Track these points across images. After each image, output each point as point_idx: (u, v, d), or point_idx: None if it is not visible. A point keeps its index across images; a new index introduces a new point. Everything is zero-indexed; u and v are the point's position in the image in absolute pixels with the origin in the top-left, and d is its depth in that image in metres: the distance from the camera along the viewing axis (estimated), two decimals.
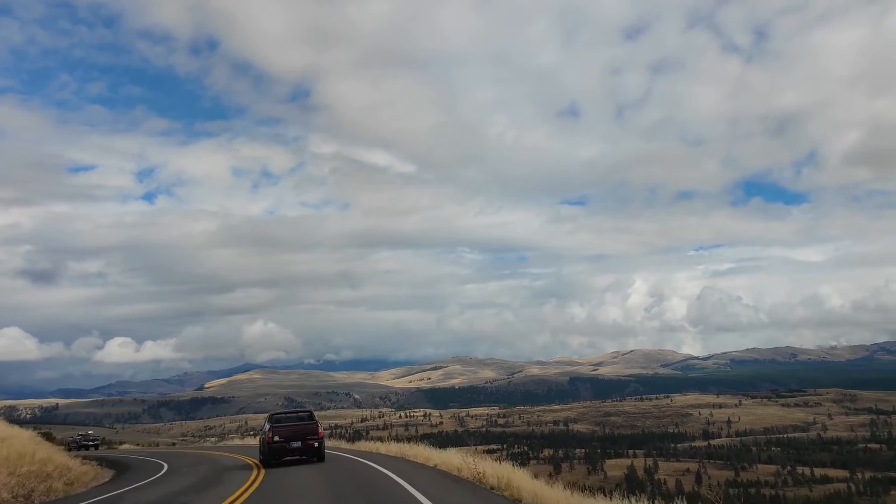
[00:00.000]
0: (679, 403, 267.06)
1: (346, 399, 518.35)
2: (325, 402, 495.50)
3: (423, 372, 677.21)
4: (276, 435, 22.92)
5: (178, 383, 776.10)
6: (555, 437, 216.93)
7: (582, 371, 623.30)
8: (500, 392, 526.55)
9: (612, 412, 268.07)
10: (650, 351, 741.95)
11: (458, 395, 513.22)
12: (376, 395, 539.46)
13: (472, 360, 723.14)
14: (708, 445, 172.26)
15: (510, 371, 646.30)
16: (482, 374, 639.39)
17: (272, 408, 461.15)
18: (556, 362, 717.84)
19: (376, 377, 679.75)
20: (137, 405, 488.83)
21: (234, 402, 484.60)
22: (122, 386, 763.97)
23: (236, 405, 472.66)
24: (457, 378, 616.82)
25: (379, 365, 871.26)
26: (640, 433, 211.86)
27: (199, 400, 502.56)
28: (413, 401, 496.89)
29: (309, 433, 23.20)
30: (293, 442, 22.88)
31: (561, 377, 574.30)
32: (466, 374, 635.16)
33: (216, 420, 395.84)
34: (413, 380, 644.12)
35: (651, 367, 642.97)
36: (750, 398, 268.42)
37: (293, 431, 23.23)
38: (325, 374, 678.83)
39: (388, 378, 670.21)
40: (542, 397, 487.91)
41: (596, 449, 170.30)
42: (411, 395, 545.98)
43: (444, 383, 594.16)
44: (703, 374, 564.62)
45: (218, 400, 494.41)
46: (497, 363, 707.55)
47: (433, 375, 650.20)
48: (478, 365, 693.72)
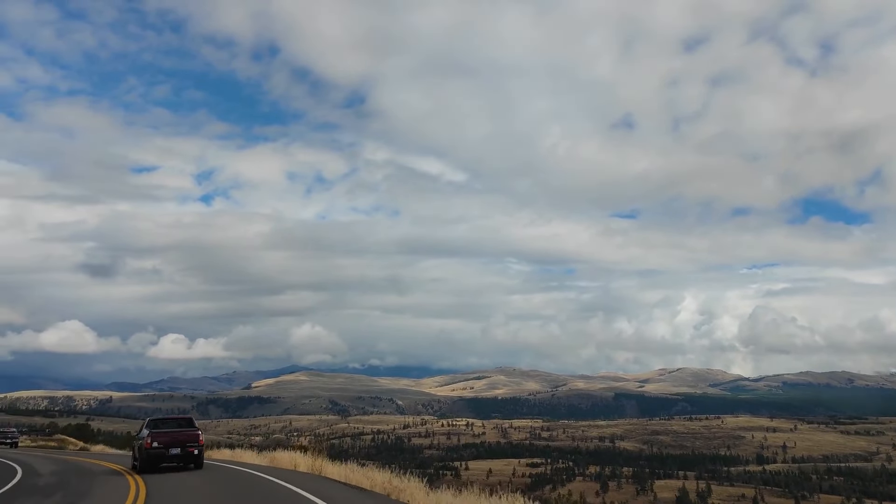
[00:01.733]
0: (730, 425, 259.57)
1: (390, 405, 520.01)
2: (368, 407, 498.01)
3: (466, 381, 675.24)
4: (154, 441, 22.20)
5: (227, 381, 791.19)
6: (600, 453, 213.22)
7: (628, 387, 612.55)
8: (543, 405, 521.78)
9: (660, 431, 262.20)
10: (699, 370, 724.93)
11: (501, 406, 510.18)
12: (419, 403, 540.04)
13: (515, 371, 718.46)
14: (763, 471, 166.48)
15: (554, 384, 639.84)
16: (526, 385, 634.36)
17: (315, 410, 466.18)
18: (601, 377, 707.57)
19: (420, 384, 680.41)
20: (187, 401, 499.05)
21: (280, 402, 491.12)
22: (173, 382, 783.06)
23: (282, 405, 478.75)
24: (500, 389, 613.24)
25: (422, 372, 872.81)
26: (690, 454, 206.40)
27: (246, 399, 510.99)
28: (455, 409, 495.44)
29: (189, 440, 22.58)
30: (172, 448, 22.20)
31: (606, 392, 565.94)
32: (510, 386, 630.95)
33: (262, 420, 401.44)
34: (456, 388, 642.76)
35: (699, 386, 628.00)
36: (806, 423, 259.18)
37: (173, 438, 22.54)
38: (370, 379, 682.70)
39: (431, 386, 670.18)
40: (586, 412, 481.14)
41: (644, 468, 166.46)
42: (454, 403, 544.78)
43: (487, 393, 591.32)
44: (753, 396, 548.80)
45: (264, 400, 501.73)
46: (541, 375, 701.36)
47: (476, 385, 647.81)
48: (521, 376, 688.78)
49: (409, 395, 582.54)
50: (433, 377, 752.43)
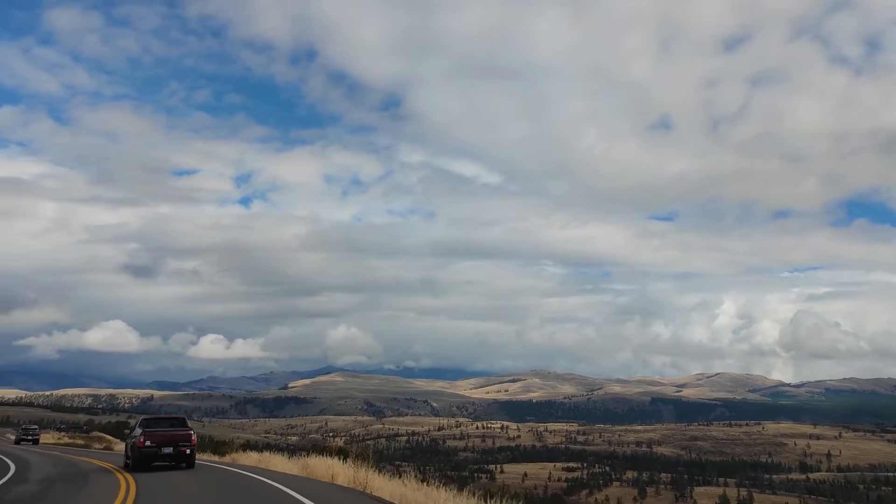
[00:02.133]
0: (771, 431, 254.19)
1: (424, 406, 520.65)
2: (403, 409, 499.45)
3: (500, 384, 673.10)
4: (147, 440, 22.32)
5: (265, 381, 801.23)
6: (637, 458, 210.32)
7: (664, 392, 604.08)
8: (578, 408, 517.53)
9: (699, 436, 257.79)
10: (738, 375, 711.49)
11: (536, 409, 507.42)
12: (454, 405, 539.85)
13: (550, 374, 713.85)
14: (807, 479, 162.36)
15: (589, 388, 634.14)
16: (561, 389, 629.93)
17: (350, 411, 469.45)
18: (638, 381, 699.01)
19: (454, 386, 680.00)
20: (225, 401, 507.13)
21: (316, 402, 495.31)
22: (212, 381, 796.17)
23: (318, 406, 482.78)
24: (535, 392, 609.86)
25: (457, 374, 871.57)
26: (730, 461, 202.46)
27: (283, 399, 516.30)
28: (490, 412, 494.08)
29: (181, 440, 22.70)
30: (165, 448, 22.33)
31: (642, 397, 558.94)
32: (545, 389, 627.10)
33: (298, 420, 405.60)
34: (490, 391, 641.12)
35: (738, 391, 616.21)
36: (851, 431, 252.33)
37: (166, 437, 22.70)
38: (405, 381, 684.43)
39: (465, 388, 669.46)
40: (623, 416, 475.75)
41: (682, 474, 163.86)
42: (488, 406, 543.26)
43: (521, 396, 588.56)
44: (795, 403, 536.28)
45: (301, 400, 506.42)
46: (576, 379, 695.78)
47: (511, 388, 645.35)
48: (556, 380, 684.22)
49: (444, 397, 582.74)
50: (468, 379, 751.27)
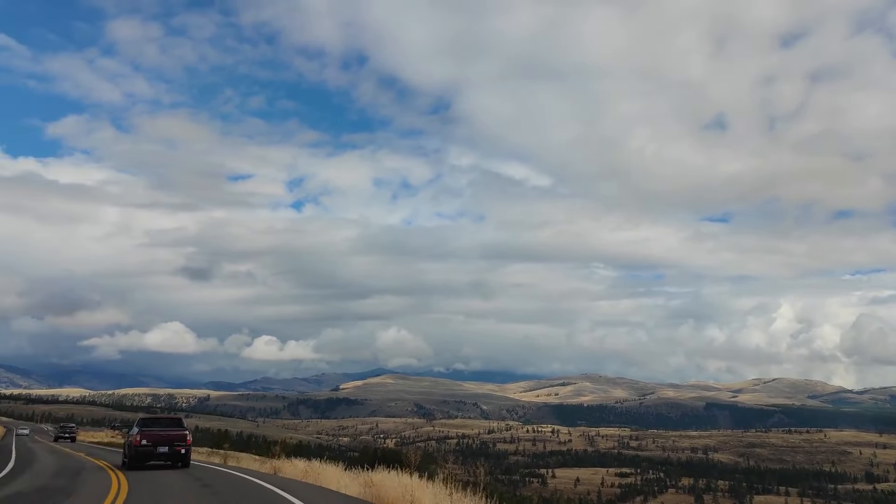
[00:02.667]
0: (834, 440, 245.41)
1: (474, 409, 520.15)
2: (452, 411, 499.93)
3: (551, 387, 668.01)
4: (144, 439, 22.43)
5: (316, 383, 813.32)
6: (693, 465, 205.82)
7: (720, 397, 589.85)
8: (630, 413, 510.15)
9: (757, 443, 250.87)
10: (797, 381, 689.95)
11: (587, 414, 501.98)
12: (503, 408, 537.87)
13: (601, 378, 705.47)
14: (874, 490, 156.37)
15: (642, 392, 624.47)
16: (612, 393, 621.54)
17: (400, 413, 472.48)
18: (691, 386, 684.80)
19: (504, 389, 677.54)
20: (279, 401, 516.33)
21: (367, 404, 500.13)
22: (266, 382, 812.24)
23: (369, 407, 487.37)
24: (586, 396, 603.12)
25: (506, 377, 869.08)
26: (790, 469, 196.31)
27: (334, 400, 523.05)
28: (540, 416, 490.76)
29: (177, 439, 22.74)
30: (161, 447, 22.40)
31: (696, 402, 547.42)
32: (596, 393, 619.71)
33: (349, 421, 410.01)
34: (540, 394, 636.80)
35: (797, 397, 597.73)
36: None
37: (161, 437, 22.77)
38: (454, 384, 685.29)
39: (515, 391, 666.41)
40: (676, 422, 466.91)
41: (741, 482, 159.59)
42: (538, 409, 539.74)
43: (572, 400, 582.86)
44: (858, 410, 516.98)
45: (352, 401, 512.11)
46: (628, 383, 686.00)
47: (561, 391, 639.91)
48: (608, 384, 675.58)
49: (494, 400, 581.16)
50: (517, 382, 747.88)
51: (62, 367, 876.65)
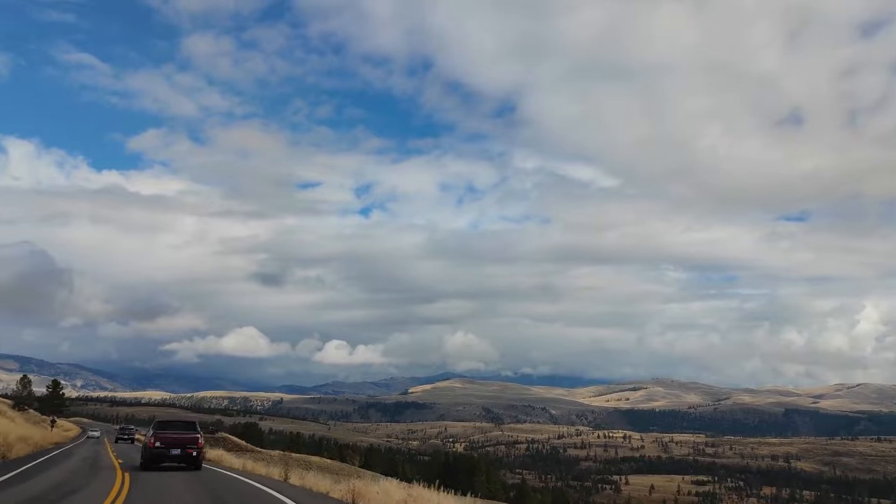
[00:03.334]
0: None
1: (543, 414, 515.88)
2: (521, 416, 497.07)
3: (621, 392, 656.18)
4: (157, 441, 22.88)
5: (385, 386, 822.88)
6: (774, 473, 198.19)
7: (800, 403, 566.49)
8: (704, 419, 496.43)
9: (843, 452, 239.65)
10: (884, 386, 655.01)
11: (659, 419, 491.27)
12: (573, 413, 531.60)
13: (673, 382, 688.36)
14: None
15: (716, 397, 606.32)
16: (685, 398, 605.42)
17: (469, 417, 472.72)
18: (769, 391, 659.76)
19: (573, 394, 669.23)
20: (349, 405, 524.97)
21: (436, 408, 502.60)
22: (336, 386, 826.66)
23: (437, 411, 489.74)
24: (658, 401, 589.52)
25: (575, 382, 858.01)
26: (882, 479, 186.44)
27: (403, 404, 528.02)
28: (610, 421, 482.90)
29: (189, 442, 23.13)
30: (173, 449, 22.84)
31: (774, 408, 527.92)
32: (668, 398, 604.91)
33: (418, 424, 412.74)
34: (611, 399, 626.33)
35: (885, 403, 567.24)
36: None
37: (175, 439, 23.15)
38: (523, 388, 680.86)
39: (585, 395, 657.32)
40: (753, 428, 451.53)
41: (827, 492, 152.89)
42: (608, 414, 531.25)
43: (643, 405, 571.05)
44: None
45: (420, 405, 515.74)
46: (701, 388, 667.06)
47: (632, 396, 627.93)
48: (680, 388, 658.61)
49: (563, 404, 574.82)
50: (586, 387, 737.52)
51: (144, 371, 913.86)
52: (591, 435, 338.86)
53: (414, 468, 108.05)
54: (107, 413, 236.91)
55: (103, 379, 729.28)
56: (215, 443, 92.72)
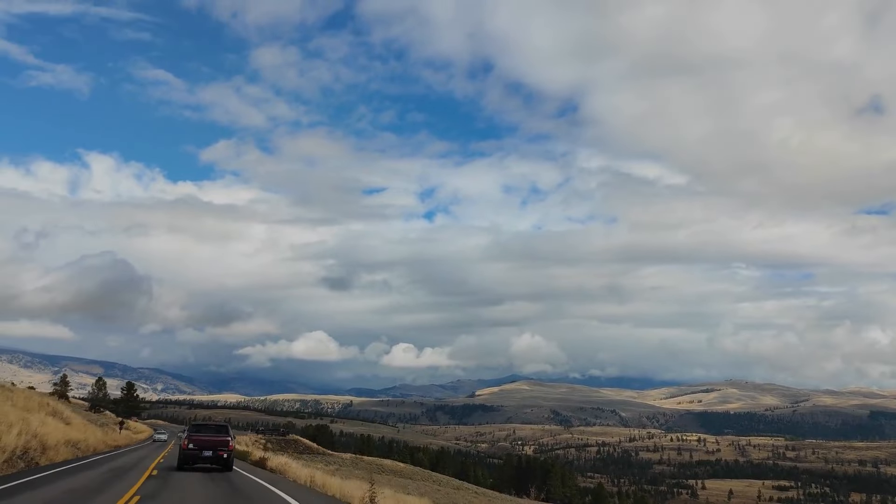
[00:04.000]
0: None
1: (612, 416, 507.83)
2: (590, 418, 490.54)
3: (693, 394, 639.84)
4: (191, 443, 24.04)
5: (452, 389, 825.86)
6: (862, 479, 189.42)
7: (887, 405, 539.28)
8: (782, 421, 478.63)
9: None
10: None
11: (734, 422, 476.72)
12: (643, 415, 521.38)
13: (748, 384, 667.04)
14: None
15: (794, 399, 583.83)
16: (761, 400, 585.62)
17: (537, 419, 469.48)
18: (852, 392, 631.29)
19: (643, 396, 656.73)
20: (417, 407, 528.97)
21: (503, 410, 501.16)
22: (404, 388, 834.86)
23: (504, 414, 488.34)
24: (733, 403, 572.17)
25: (644, 383, 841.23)
26: None
27: (470, 406, 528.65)
28: (683, 423, 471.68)
29: (220, 445, 24.18)
30: (206, 451, 23.95)
31: (859, 410, 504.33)
32: (743, 400, 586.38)
33: (486, 427, 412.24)
34: (682, 401, 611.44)
35: None
36: None
37: (207, 441, 24.24)
38: (591, 390, 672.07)
39: (656, 398, 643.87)
40: (836, 431, 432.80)
41: None
42: (680, 417, 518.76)
43: (717, 407, 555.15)
44: None
45: (488, 408, 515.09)
46: (778, 389, 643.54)
47: (705, 398, 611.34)
48: (756, 390, 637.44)
49: (633, 406, 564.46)
50: (657, 389, 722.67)
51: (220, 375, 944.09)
52: (664, 438, 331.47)
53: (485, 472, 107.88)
54: (185, 415, 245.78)
55: (182, 383, 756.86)
56: (285, 445, 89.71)
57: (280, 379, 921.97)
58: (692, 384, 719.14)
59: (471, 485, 78.09)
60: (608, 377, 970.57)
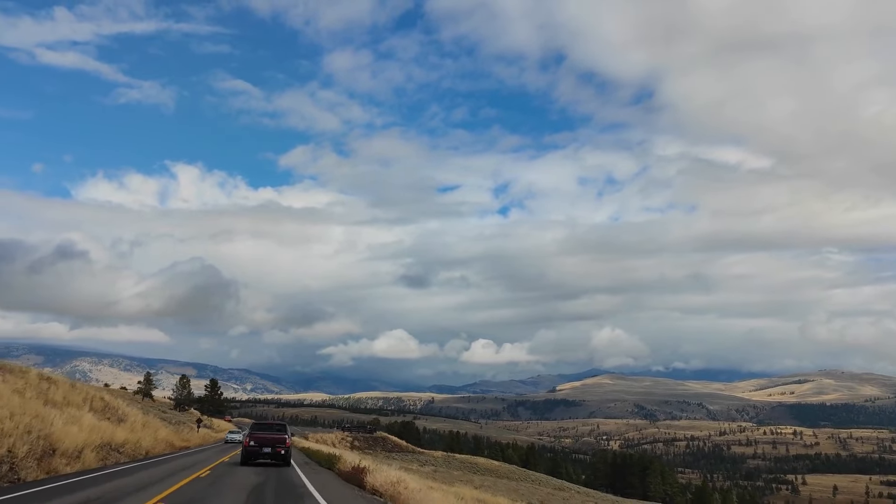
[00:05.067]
0: None
1: (699, 410, 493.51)
2: (675, 412, 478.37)
3: (785, 385, 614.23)
4: (252, 440, 25.78)
5: (533, 384, 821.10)
6: None
7: None
8: (885, 412, 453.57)
9: None
10: None
11: (831, 414, 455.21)
12: (732, 408, 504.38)
13: (845, 374, 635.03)
14: None
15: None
16: (861, 391, 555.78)
17: (620, 414, 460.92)
18: None
19: (731, 388, 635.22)
20: (498, 403, 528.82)
21: (585, 405, 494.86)
22: (484, 385, 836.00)
23: (587, 408, 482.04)
24: (829, 394, 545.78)
25: (731, 375, 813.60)
26: None
27: (552, 401, 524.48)
28: (775, 416, 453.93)
29: (278, 442, 25.78)
30: (265, 447, 25.51)
31: None
32: (840, 391, 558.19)
33: (569, 422, 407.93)
34: (773, 393, 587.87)
35: None
36: None
37: (266, 439, 25.84)
38: (676, 383, 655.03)
39: (745, 390, 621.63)
40: None
41: None
42: (772, 409, 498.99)
43: (811, 399, 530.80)
44: None
45: (569, 402, 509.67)
46: (878, 379, 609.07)
47: (797, 389, 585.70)
48: (854, 380, 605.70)
49: (720, 399, 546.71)
50: (745, 381, 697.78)
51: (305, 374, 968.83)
52: (756, 431, 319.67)
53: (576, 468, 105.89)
54: (273, 414, 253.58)
55: (269, 382, 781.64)
56: (374, 443, 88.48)
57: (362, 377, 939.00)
58: (783, 375, 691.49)
59: (571, 484, 76.45)
60: (693, 370, 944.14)
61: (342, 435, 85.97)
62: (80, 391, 31.30)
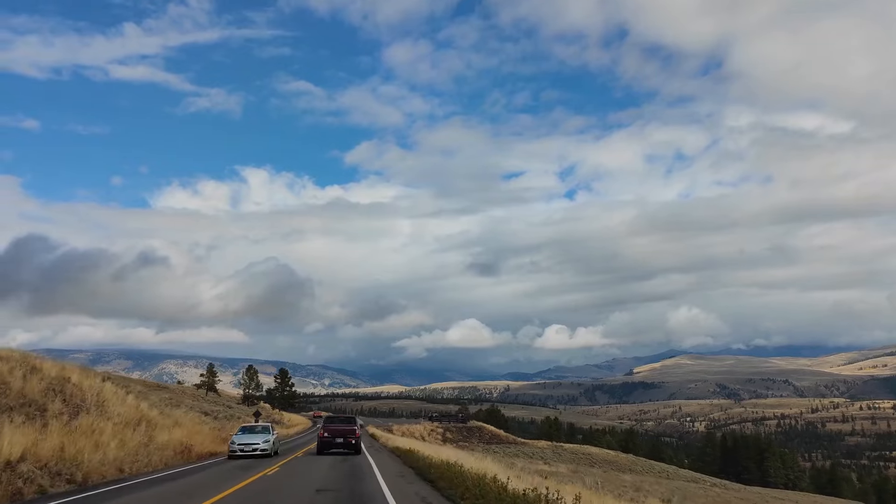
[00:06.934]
0: None
1: (786, 387, 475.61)
2: (760, 390, 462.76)
3: (876, 357, 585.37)
4: (326, 432, 28.75)
5: (608, 368, 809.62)
6: None
7: None
8: None
9: None
10: None
11: None
12: (821, 384, 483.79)
13: None
14: None
15: None
16: None
17: (702, 394, 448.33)
18: None
19: (819, 363, 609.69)
20: (574, 388, 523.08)
21: (664, 387, 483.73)
22: (559, 371, 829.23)
23: (667, 390, 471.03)
24: None
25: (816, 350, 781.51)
26: None
27: (629, 385, 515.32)
28: (867, 390, 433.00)
29: (349, 433, 28.63)
30: (338, 438, 28.39)
31: None
32: None
33: (649, 405, 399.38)
34: (864, 366, 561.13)
35: None
36: None
37: (338, 430, 28.77)
38: (759, 360, 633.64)
39: (834, 364, 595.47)
40: None
41: None
42: (864, 383, 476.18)
43: None
44: None
45: (648, 385, 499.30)
46: None
47: (891, 361, 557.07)
48: None
49: (807, 375, 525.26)
50: (833, 355, 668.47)
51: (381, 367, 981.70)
52: (852, 407, 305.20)
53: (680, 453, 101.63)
54: (352, 407, 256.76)
55: (346, 377, 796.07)
56: (468, 434, 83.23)
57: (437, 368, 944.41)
58: (874, 348, 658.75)
59: (706, 476, 72.20)
60: (775, 346, 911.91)
61: (431, 426, 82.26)
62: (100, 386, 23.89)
